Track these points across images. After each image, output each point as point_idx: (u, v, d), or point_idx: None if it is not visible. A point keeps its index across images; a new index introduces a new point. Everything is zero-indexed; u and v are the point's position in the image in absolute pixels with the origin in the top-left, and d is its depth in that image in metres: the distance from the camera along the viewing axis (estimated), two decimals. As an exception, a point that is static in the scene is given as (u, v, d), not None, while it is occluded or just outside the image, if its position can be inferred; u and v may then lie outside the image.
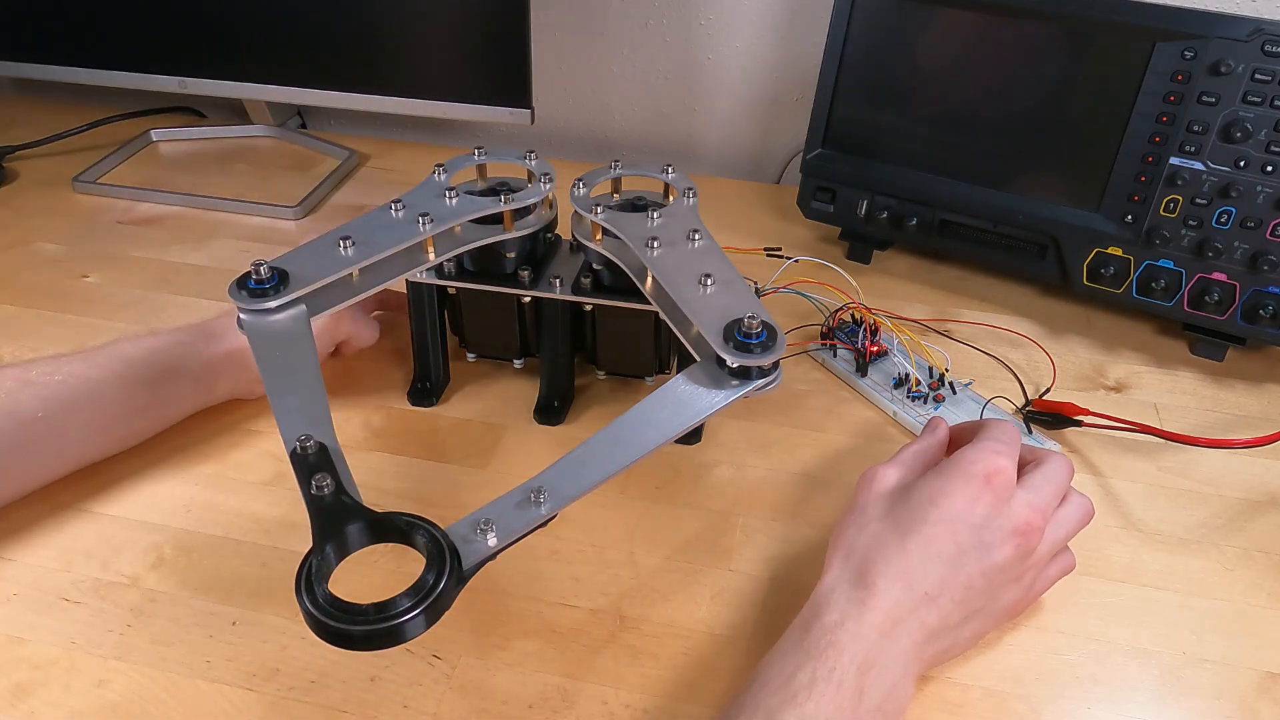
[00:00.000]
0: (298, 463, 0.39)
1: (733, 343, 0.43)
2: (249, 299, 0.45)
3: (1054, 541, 0.46)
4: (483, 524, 0.37)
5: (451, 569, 0.36)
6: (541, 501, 0.39)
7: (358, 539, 0.37)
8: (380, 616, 0.34)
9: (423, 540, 0.37)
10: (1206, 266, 0.63)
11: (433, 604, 0.34)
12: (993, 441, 0.46)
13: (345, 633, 0.33)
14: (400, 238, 0.50)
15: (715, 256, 0.49)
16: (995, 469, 0.44)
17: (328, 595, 0.34)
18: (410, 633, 0.34)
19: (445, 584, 0.35)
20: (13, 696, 0.44)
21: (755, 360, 0.43)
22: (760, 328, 0.43)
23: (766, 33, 0.89)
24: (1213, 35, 0.59)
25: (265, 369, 0.43)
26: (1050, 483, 0.46)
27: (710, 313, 0.45)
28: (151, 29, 0.86)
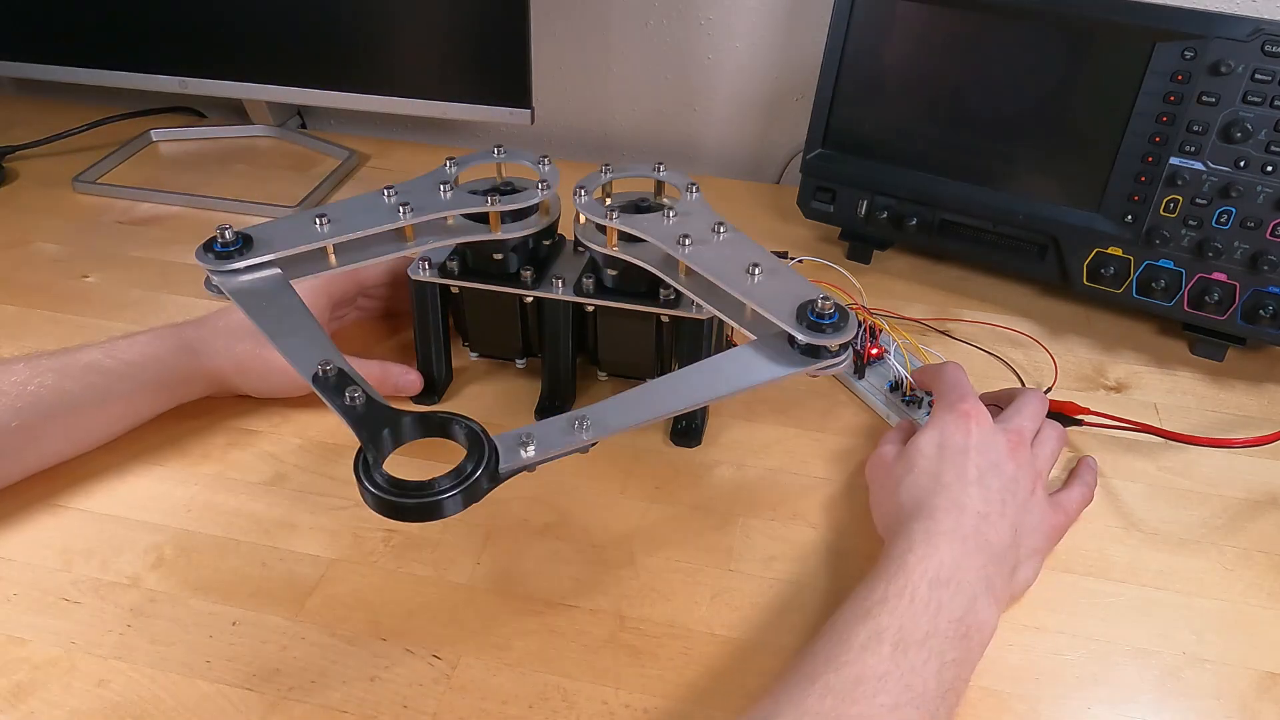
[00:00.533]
0: (322, 385, 0.42)
1: (805, 322, 0.45)
2: (215, 260, 0.48)
3: (1044, 457, 0.51)
4: (525, 437, 0.40)
5: (488, 461, 0.39)
6: (585, 429, 0.41)
7: (408, 432, 0.40)
8: (424, 492, 0.37)
9: (462, 433, 0.40)
10: (1206, 266, 0.63)
11: (469, 488, 0.38)
12: (954, 390, 0.52)
13: (396, 504, 0.37)
14: (376, 221, 0.52)
15: (750, 246, 0.50)
16: (969, 405, 0.50)
17: (384, 474, 0.38)
18: (449, 509, 0.38)
19: (482, 471, 0.38)
20: (13, 696, 0.44)
21: (828, 340, 0.44)
22: (834, 309, 0.45)
23: (766, 33, 0.89)
24: (1213, 35, 0.59)
25: (259, 320, 0.46)
26: (1021, 410, 0.52)
27: (774, 297, 0.47)
28: (151, 29, 0.86)
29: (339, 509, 0.54)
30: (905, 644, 0.39)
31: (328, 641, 0.47)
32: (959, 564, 0.43)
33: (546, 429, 0.41)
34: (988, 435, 0.49)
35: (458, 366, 0.64)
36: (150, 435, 0.58)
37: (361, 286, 0.64)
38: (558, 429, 0.41)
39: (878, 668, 0.38)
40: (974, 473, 0.47)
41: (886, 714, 0.37)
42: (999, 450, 0.49)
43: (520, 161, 0.58)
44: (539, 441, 0.40)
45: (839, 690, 0.37)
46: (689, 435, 0.59)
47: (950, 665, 0.39)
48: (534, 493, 0.55)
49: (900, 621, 0.40)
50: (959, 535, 0.44)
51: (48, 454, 0.54)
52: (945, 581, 0.42)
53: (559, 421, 0.41)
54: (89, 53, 0.88)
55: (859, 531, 0.53)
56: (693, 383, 0.45)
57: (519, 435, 0.40)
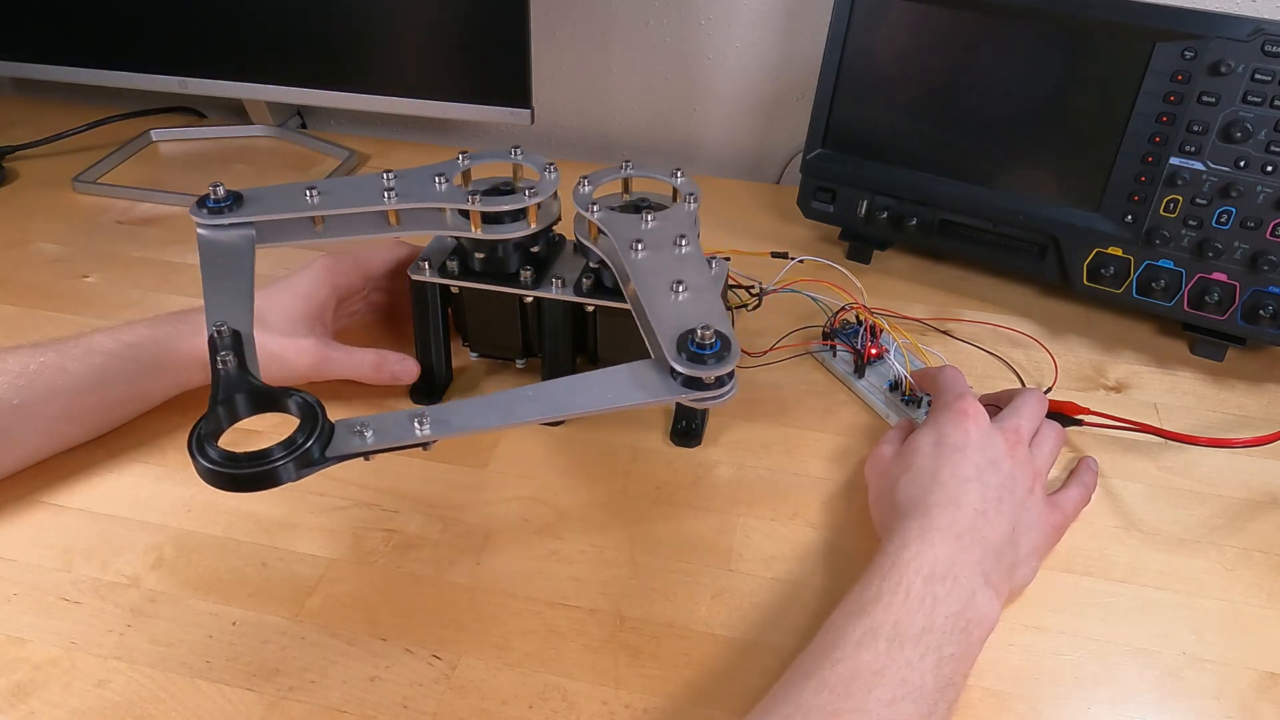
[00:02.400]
0: (212, 345, 0.43)
1: (685, 353, 0.43)
2: (208, 215, 0.51)
3: (1043, 456, 0.51)
4: (361, 425, 0.41)
5: (320, 434, 0.39)
6: (424, 425, 0.41)
7: (244, 407, 0.41)
8: (258, 462, 0.38)
9: (296, 406, 0.41)
10: (1206, 266, 0.63)
11: (301, 455, 0.39)
12: (951, 390, 0.53)
13: (231, 475, 0.38)
14: (362, 201, 0.54)
15: (696, 264, 0.49)
16: (966, 404, 0.50)
17: (216, 449, 0.39)
18: (283, 477, 0.38)
19: (312, 443, 0.39)
20: (13, 696, 0.44)
21: (704, 371, 0.42)
22: (714, 339, 0.43)
23: (766, 33, 0.89)
24: (1213, 35, 0.59)
25: (206, 271, 0.48)
26: (1019, 410, 0.52)
27: (671, 319, 0.45)
28: (151, 29, 0.86)
29: (339, 509, 0.54)
30: (901, 639, 0.39)
31: (328, 641, 0.47)
32: (954, 560, 0.43)
33: (385, 421, 0.41)
34: (985, 434, 0.49)
35: (458, 366, 0.64)
36: (150, 434, 0.58)
37: (369, 279, 0.63)
38: (397, 422, 0.41)
39: (873, 663, 0.38)
40: (971, 470, 0.47)
41: (883, 709, 0.37)
42: (997, 448, 0.49)
43: (530, 164, 0.58)
44: (376, 431, 0.40)
45: (834, 685, 0.37)
46: (689, 435, 0.59)
47: (949, 660, 0.39)
48: (534, 493, 0.55)
49: (895, 617, 0.40)
50: (954, 532, 0.44)
51: (48, 438, 0.54)
52: (941, 577, 0.42)
53: (400, 415, 0.41)
54: (89, 53, 0.88)
55: (859, 531, 0.53)
56: (551, 396, 0.44)
57: (356, 422, 0.41)
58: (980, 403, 0.51)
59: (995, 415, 0.52)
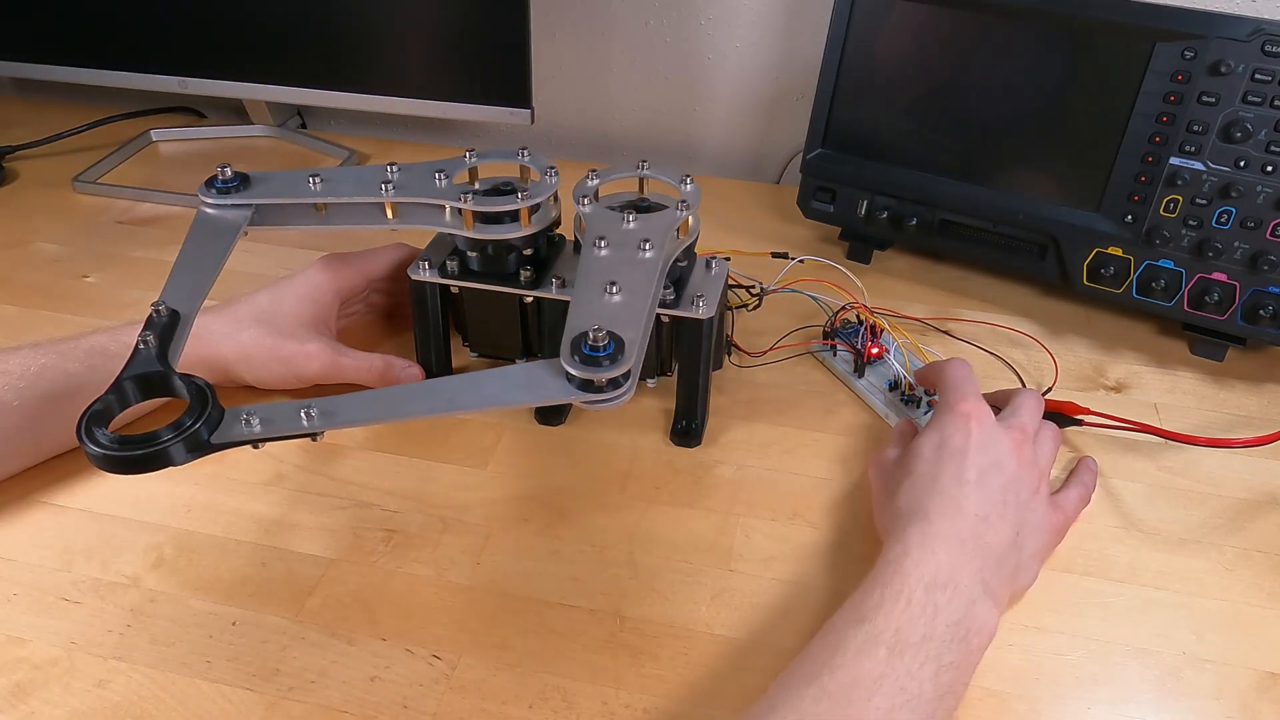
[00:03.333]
0: (147, 322, 0.45)
1: (578, 355, 0.42)
2: (216, 195, 0.53)
3: (1045, 455, 0.51)
4: (249, 414, 0.41)
5: (209, 415, 0.40)
6: (312, 417, 0.41)
7: (134, 393, 0.42)
8: (149, 443, 0.39)
9: (187, 390, 0.41)
10: (1206, 266, 0.63)
11: (190, 436, 0.39)
12: (956, 389, 0.52)
13: (122, 458, 0.38)
14: (361, 192, 0.55)
15: (645, 269, 0.48)
16: (970, 405, 0.50)
17: (105, 434, 0.39)
18: (175, 458, 0.39)
19: (200, 424, 0.40)
20: (13, 696, 0.44)
21: (595, 373, 0.42)
22: (606, 341, 0.42)
23: (766, 33, 0.89)
24: (1213, 35, 0.59)
25: (185, 249, 0.51)
26: (1020, 409, 0.52)
27: (584, 320, 0.44)
28: (151, 29, 0.86)
29: (339, 509, 0.54)
30: (901, 647, 0.39)
31: (328, 641, 0.47)
32: (955, 567, 0.42)
33: (273, 411, 0.41)
34: (989, 434, 0.49)
35: (458, 366, 0.64)
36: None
37: (370, 280, 0.64)
38: (284, 413, 0.42)
39: (873, 671, 0.38)
40: (973, 474, 0.47)
41: (882, 717, 0.37)
42: (1001, 449, 0.48)
43: (534, 166, 0.58)
44: (264, 420, 0.41)
45: (834, 694, 0.37)
46: (689, 435, 0.59)
47: (948, 668, 0.39)
48: (534, 493, 0.55)
49: (896, 625, 0.40)
50: (955, 538, 0.44)
51: (47, 440, 0.54)
52: (942, 585, 0.41)
53: (288, 407, 0.42)
54: (89, 53, 0.88)
55: (859, 531, 0.53)
56: (440, 393, 0.44)
57: (244, 411, 0.41)
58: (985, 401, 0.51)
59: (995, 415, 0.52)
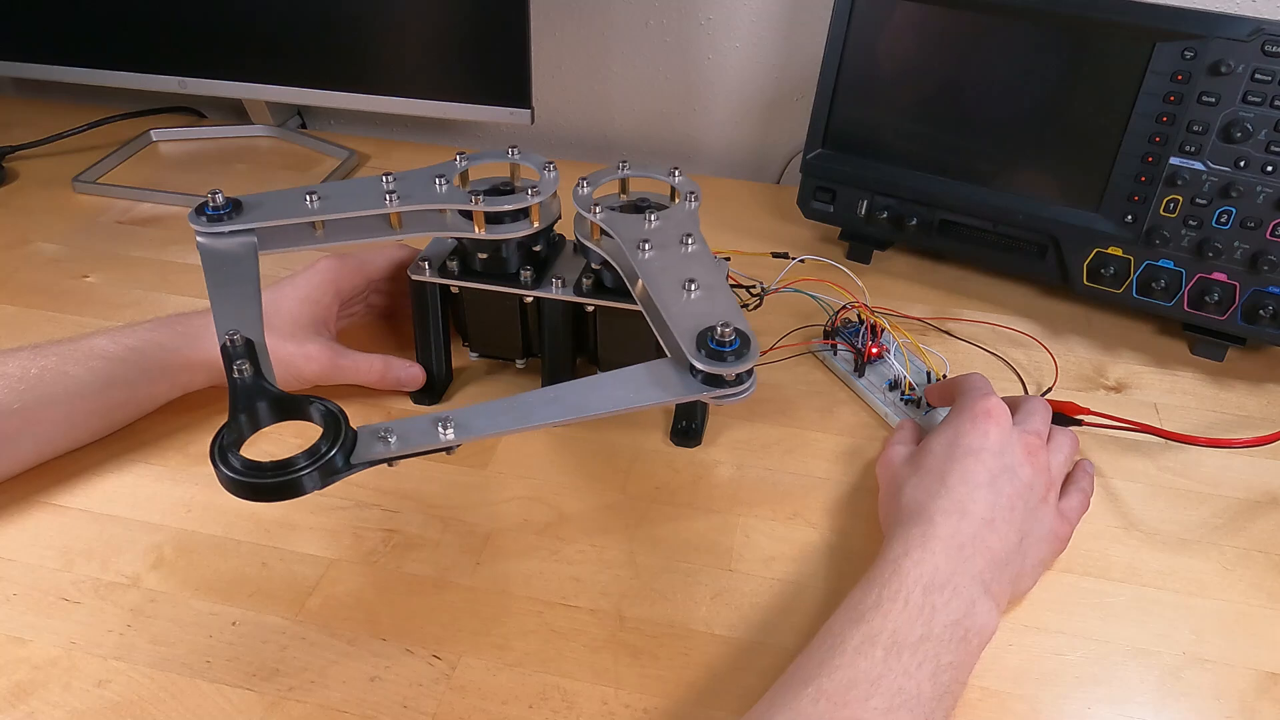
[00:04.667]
0: (225, 353, 0.43)
1: (705, 350, 0.43)
2: (206, 224, 0.50)
3: (1058, 463, 0.51)
4: (385, 431, 0.40)
5: (343, 442, 0.39)
6: (448, 430, 0.41)
7: (266, 415, 0.41)
8: (280, 471, 0.38)
9: (319, 414, 0.40)
10: (1206, 266, 0.63)
11: (324, 464, 0.38)
12: (976, 389, 0.52)
13: (254, 485, 0.38)
14: (363, 204, 0.53)
15: (704, 262, 0.49)
16: (991, 405, 0.49)
17: (239, 457, 0.38)
18: (307, 486, 0.38)
19: (336, 451, 0.39)
20: (13, 696, 0.44)
21: (725, 368, 0.43)
22: (734, 336, 0.43)
23: (766, 33, 0.89)
24: (1213, 35, 0.59)
25: (210, 280, 0.48)
26: (1033, 414, 0.51)
27: (687, 318, 0.45)
28: (151, 29, 0.86)
29: (339, 509, 0.54)
30: (899, 648, 0.39)
31: (328, 641, 0.47)
32: (955, 569, 0.42)
33: (408, 426, 0.41)
34: (1005, 438, 0.48)
35: (458, 366, 0.64)
36: (150, 435, 0.58)
37: (370, 282, 0.64)
38: (420, 428, 0.41)
39: (870, 671, 0.38)
40: (984, 476, 0.46)
41: (880, 717, 0.37)
42: (1015, 454, 0.48)
43: (528, 164, 0.58)
44: (400, 437, 0.40)
45: (831, 693, 0.37)
46: (689, 435, 0.59)
47: (947, 668, 0.39)
48: (534, 493, 0.55)
49: (894, 625, 0.40)
50: (956, 542, 0.43)
51: (48, 442, 0.54)
52: (940, 586, 0.41)
53: (422, 421, 0.41)
54: (89, 53, 0.88)
55: (859, 531, 0.53)
56: (572, 397, 0.44)
57: (380, 429, 0.40)
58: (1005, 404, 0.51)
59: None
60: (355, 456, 0.39)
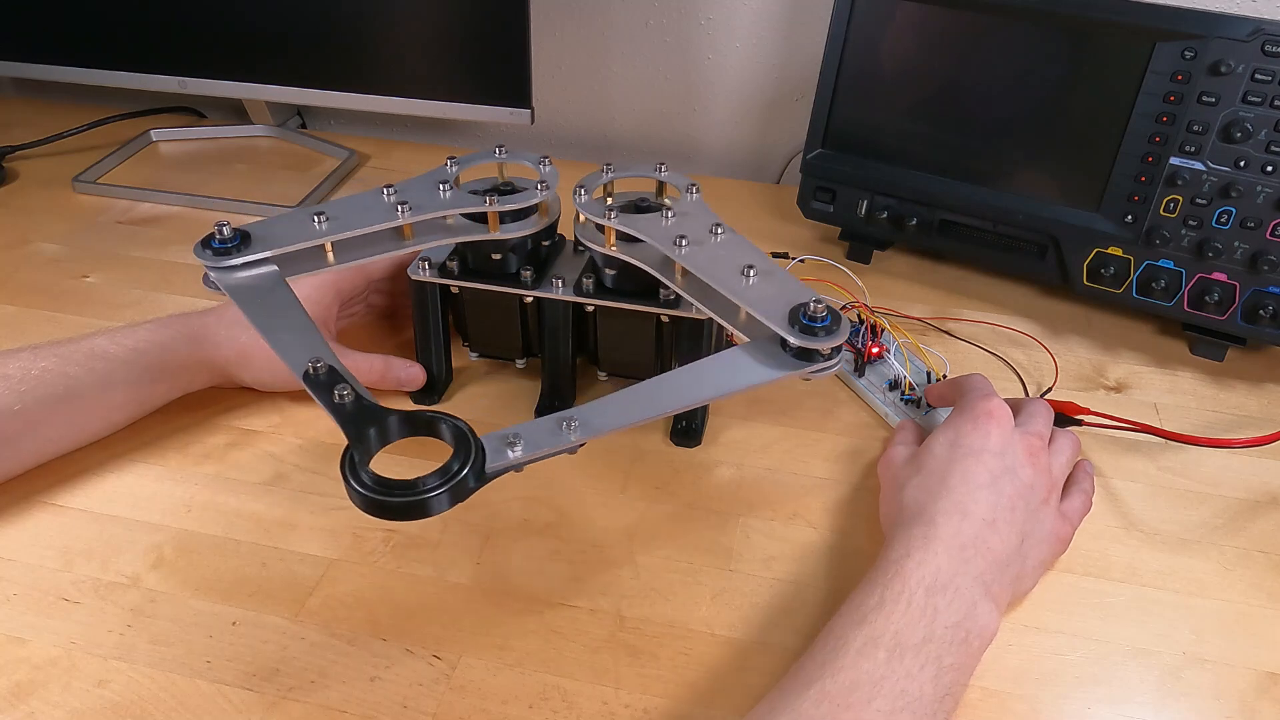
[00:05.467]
0: (313, 383, 0.42)
1: (798, 325, 0.45)
2: (213, 257, 0.48)
3: (1060, 465, 0.51)
4: (512, 437, 0.40)
5: (475, 460, 0.38)
6: (573, 429, 0.41)
7: (395, 431, 0.40)
8: (410, 491, 0.37)
9: (449, 431, 0.40)
10: (1206, 266, 0.63)
11: (455, 486, 0.37)
12: (977, 390, 0.52)
13: (383, 503, 0.37)
14: (374, 219, 0.52)
15: (747, 248, 0.51)
16: (993, 405, 0.50)
17: (369, 472, 0.38)
18: (435, 507, 0.37)
19: (468, 470, 0.38)
20: (13, 696, 0.44)
21: (820, 343, 0.45)
22: (826, 312, 0.46)
23: (766, 33, 0.89)
24: (1213, 35, 0.59)
25: (252, 315, 0.46)
26: (1035, 416, 0.51)
27: (767, 300, 0.47)
28: (151, 29, 0.86)
29: (339, 509, 0.54)
30: (901, 649, 0.39)
31: (328, 641, 0.47)
32: (957, 571, 0.42)
33: (534, 429, 0.41)
34: (1007, 438, 0.48)
35: (458, 366, 0.64)
36: (150, 435, 0.58)
37: (370, 282, 0.64)
38: (545, 429, 0.41)
39: (873, 673, 0.38)
40: (985, 476, 0.46)
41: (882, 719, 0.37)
42: (1017, 455, 0.48)
43: (521, 161, 0.58)
44: (526, 441, 0.40)
45: (834, 695, 0.37)
46: (689, 435, 0.59)
47: (948, 670, 0.39)
48: (534, 493, 0.55)
49: (896, 627, 0.40)
50: (957, 542, 0.43)
51: (48, 443, 0.54)
52: (942, 587, 0.41)
53: (547, 422, 0.41)
54: (89, 53, 0.88)
55: (859, 531, 0.53)
56: (682, 385, 0.45)
57: (507, 435, 0.40)
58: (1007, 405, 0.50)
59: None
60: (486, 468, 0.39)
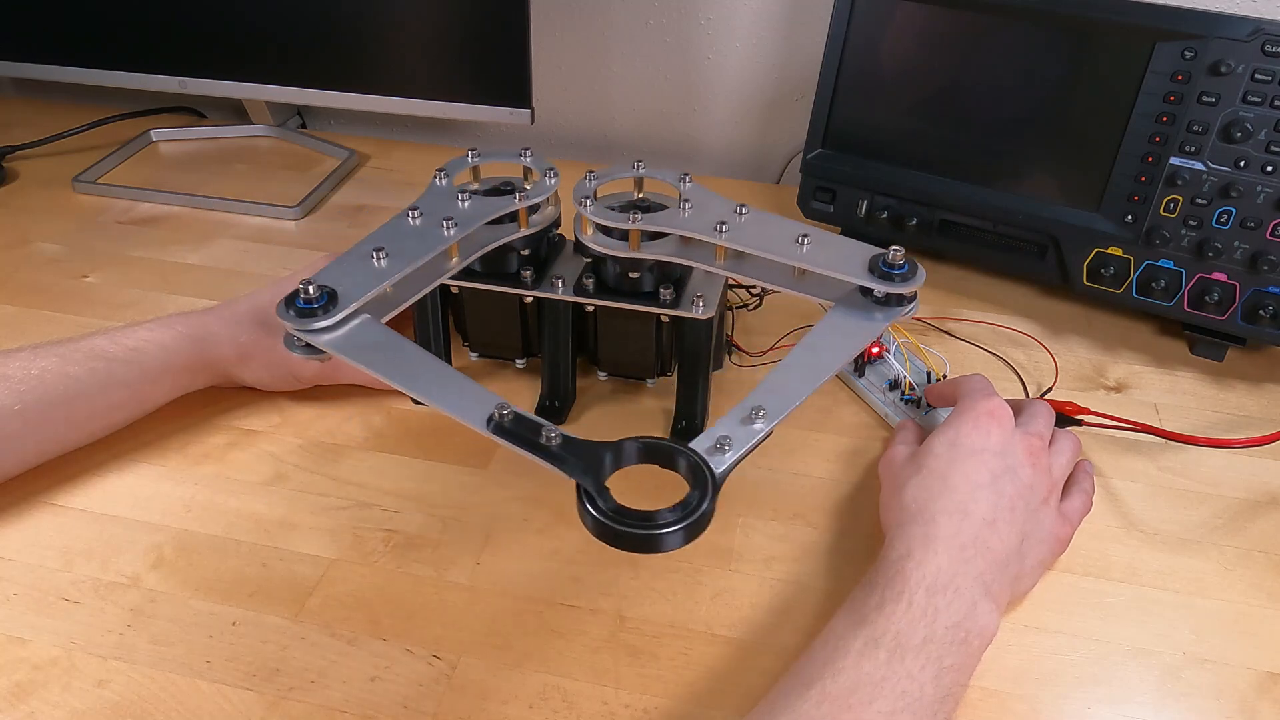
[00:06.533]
0: (504, 432, 0.40)
1: (878, 273, 0.48)
2: (298, 318, 0.45)
3: (1060, 466, 0.51)
4: (720, 441, 0.40)
5: (712, 493, 0.38)
6: (760, 417, 0.42)
7: (631, 457, 0.40)
8: (644, 524, 0.37)
9: (686, 466, 0.39)
10: (1206, 266, 0.63)
11: (693, 524, 0.37)
12: (977, 390, 0.52)
13: (615, 531, 0.37)
14: (429, 245, 0.50)
15: (781, 221, 0.52)
16: (993, 405, 0.50)
17: (609, 499, 0.37)
18: (668, 545, 0.37)
19: (706, 506, 0.37)
20: (13, 696, 0.44)
21: (903, 288, 0.48)
22: (904, 260, 0.48)
23: (766, 33, 0.89)
24: (1213, 35, 0.59)
25: (380, 372, 0.44)
26: (1036, 417, 0.52)
27: (838, 259, 0.50)
28: (151, 29, 0.86)
29: (339, 509, 0.54)
30: (902, 650, 0.39)
31: (328, 641, 0.47)
32: (957, 571, 0.42)
33: (730, 428, 0.41)
34: (1007, 438, 0.48)
35: (458, 366, 0.64)
36: (150, 435, 0.58)
37: None
38: (739, 425, 0.41)
39: (874, 674, 0.38)
40: (986, 476, 0.46)
41: None
42: (1017, 454, 0.48)
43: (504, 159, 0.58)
44: (735, 441, 0.40)
45: (835, 696, 0.37)
46: (689, 435, 0.58)
47: (948, 671, 0.39)
48: (534, 493, 0.55)
49: (897, 628, 0.40)
50: (958, 542, 0.43)
51: (49, 443, 0.54)
52: (943, 588, 0.41)
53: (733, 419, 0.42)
54: (89, 53, 0.88)
55: (859, 531, 0.53)
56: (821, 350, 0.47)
57: (715, 439, 0.40)
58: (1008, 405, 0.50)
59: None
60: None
